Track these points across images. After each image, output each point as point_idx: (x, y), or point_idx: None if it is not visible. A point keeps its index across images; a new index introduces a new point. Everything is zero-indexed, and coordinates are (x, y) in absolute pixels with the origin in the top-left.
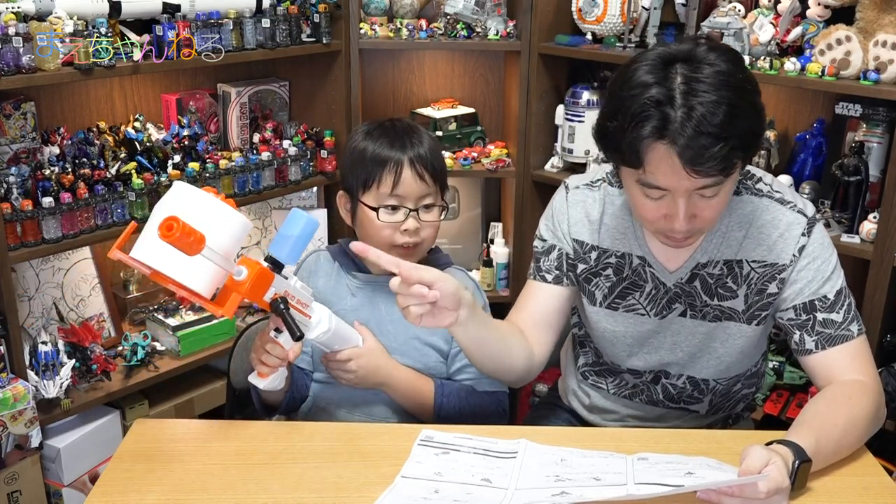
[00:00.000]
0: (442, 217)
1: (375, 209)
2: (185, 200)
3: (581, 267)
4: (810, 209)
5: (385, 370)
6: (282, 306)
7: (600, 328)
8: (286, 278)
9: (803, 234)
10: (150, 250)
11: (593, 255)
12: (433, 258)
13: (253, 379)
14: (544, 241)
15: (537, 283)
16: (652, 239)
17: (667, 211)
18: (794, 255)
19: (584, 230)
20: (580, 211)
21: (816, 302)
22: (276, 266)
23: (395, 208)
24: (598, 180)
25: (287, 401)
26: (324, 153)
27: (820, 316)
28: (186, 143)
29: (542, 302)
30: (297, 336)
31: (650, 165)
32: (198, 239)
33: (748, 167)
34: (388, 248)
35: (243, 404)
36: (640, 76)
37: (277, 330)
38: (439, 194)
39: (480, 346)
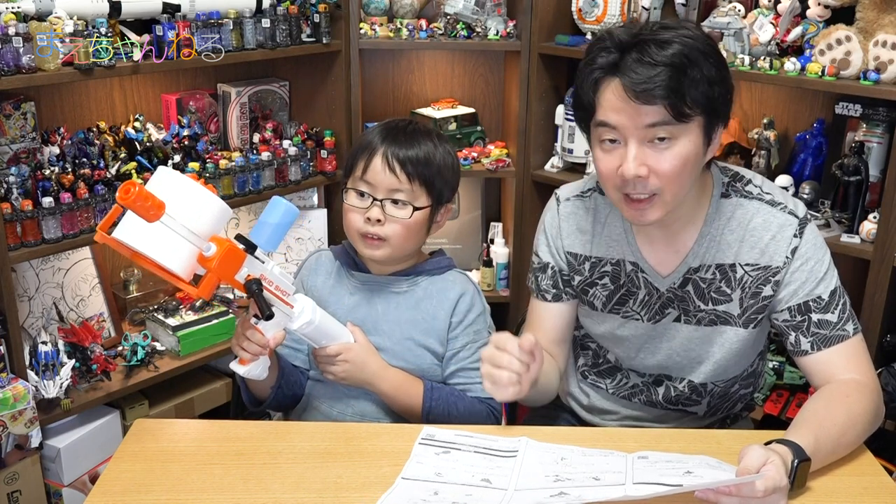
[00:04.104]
0: (410, 217)
1: (348, 191)
2: (163, 180)
3: (577, 279)
4: (801, 210)
5: (372, 368)
6: (255, 287)
7: (601, 330)
8: (262, 262)
9: (795, 236)
10: (128, 230)
11: (587, 265)
12: (434, 260)
13: (234, 365)
14: (539, 258)
15: (541, 302)
16: (644, 244)
17: (620, 161)
18: (786, 257)
19: (577, 242)
20: (572, 223)
21: (811, 303)
22: (249, 247)
23: (362, 194)
24: (589, 190)
25: (278, 396)
26: (324, 153)
27: (815, 317)
28: (186, 143)
29: (552, 321)
30: (267, 315)
31: (602, 105)
32: (156, 205)
33: (737, 169)
34: (355, 236)
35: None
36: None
37: (257, 316)
38: (423, 197)
39: (537, 389)
